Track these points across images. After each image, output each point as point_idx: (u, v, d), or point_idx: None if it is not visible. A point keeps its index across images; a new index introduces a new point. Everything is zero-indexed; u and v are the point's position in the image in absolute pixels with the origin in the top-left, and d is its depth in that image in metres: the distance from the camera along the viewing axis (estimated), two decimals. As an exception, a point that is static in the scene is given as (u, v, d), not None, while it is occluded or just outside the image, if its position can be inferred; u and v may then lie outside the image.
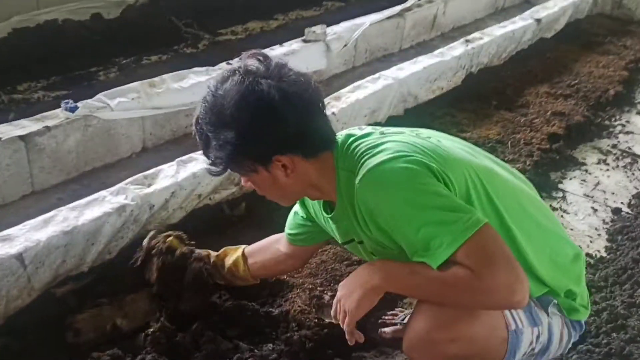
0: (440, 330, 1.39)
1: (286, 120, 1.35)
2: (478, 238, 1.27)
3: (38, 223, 2.02)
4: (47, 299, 1.97)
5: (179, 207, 2.38)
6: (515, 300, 1.28)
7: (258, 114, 1.33)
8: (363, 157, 1.40)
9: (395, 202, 1.32)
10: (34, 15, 4.40)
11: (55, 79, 3.81)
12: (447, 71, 3.87)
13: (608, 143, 3.47)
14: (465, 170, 1.44)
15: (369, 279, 1.43)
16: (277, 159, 1.39)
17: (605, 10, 5.90)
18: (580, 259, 1.62)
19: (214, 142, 1.37)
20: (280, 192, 1.50)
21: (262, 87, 1.33)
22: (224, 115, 1.34)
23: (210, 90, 1.38)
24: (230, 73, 1.37)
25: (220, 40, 4.72)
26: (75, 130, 2.79)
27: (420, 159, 1.35)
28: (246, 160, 1.40)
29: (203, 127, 1.39)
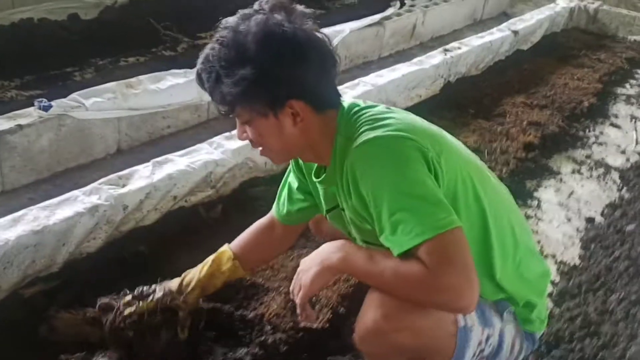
0: (387, 319, 1.38)
1: (309, 63, 1.34)
2: (445, 238, 1.26)
3: (7, 222, 1.97)
4: (15, 300, 1.92)
5: (154, 208, 2.34)
6: (461, 305, 1.28)
7: (283, 52, 1.31)
8: (363, 126, 1.39)
9: (381, 179, 1.31)
10: (9, 14, 4.33)
11: (29, 78, 3.73)
12: (425, 79, 3.89)
13: (582, 153, 3.52)
14: (460, 165, 1.44)
15: (328, 257, 1.44)
16: (290, 104, 1.37)
17: (580, 25, 6.01)
18: (548, 277, 1.65)
19: (226, 79, 1.33)
20: (281, 144, 1.44)
21: (287, 28, 1.32)
22: (245, 50, 1.31)
23: (231, 27, 1.34)
24: (253, 12, 1.35)
25: (199, 43, 4.67)
26: (49, 129, 2.74)
27: (418, 144, 1.34)
28: (259, 99, 1.36)
29: (215, 64, 1.34)
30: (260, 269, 2.21)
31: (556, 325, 2.13)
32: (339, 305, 2.06)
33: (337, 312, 2.04)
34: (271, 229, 1.86)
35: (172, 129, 3.35)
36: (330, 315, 2.02)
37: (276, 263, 2.28)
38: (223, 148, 2.62)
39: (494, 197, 1.51)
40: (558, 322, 2.15)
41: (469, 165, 1.50)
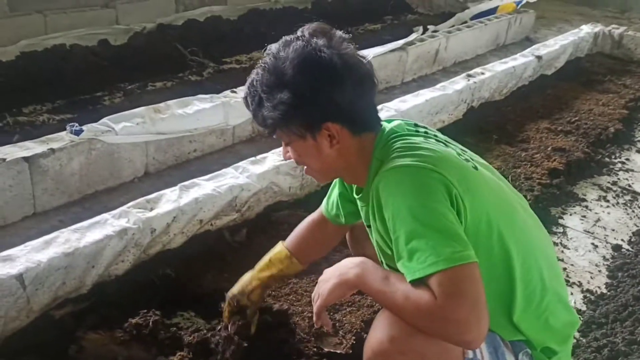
0: (393, 341, 1.38)
1: (344, 87, 1.38)
2: (458, 271, 1.26)
3: (39, 244, 2.02)
4: (46, 320, 1.96)
5: (180, 231, 2.38)
6: (466, 338, 1.26)
7: (318, 77, 1.37)
8: (396, 152, 1.42)
9: (402, 206, 1.33)
10: (42, 40, 4.49)
11: (60, 102, 3.85)
12: (448, 104, 3.91)
13: (608, 180, 3.49)
14: (486, 205, 1.42)
15: (346, 272, 1.46)
16: (327, 126, 1.41)
17: (605, 50, 5.99)
18: (574, 326, 1.61)
19: (267, 103, 1.40)
20: (320, 164, 1.50)
21: (324, 54, 1.37)
22: (283, 76, 1.38)
23: (272, 53, 1.42)
24: (293, 39, 1.42)
25: (225, 68, 4.78)
26: (80, 153, 2.81)
27: (444, 177, 1.35)
28: (297, 123, 1.42)
29: (258, 88, 1.42)
30: (283, 294, 2.23)
31: (583, 355, 2.11)
32: (362, 331, 2.06)
33: (360, 337, 2.03)
34: (323, 226, 1.91)
35: (198, 152, 3.40)
36: (354, 341, 2.02)
37: (300, 288, 2.29)
38: (248, 172, 2.66)
39: (523, 239, 1.48)
40: (585, 353, 2.12)
41: (499, 206, 1.46)
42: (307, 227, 1.93)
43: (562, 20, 7.60)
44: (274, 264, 1.87)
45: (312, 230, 1.92)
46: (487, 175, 1.52)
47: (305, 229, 1.92)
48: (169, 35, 5.01)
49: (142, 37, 4.95)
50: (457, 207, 1.35)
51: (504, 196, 1.53)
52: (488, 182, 1.50)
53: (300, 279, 2.34)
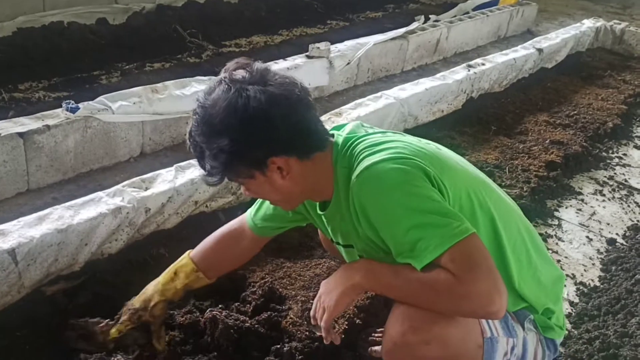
0: (415, 332, 1.38)
1: (275, 122, 1.35)
2: (465, 245, 1.28)
3: (33, 220, 2.00)
4: (37, 297, 1.95)
5: (175, 212, 2.36)
6: (493, 310, 1.28)
7: (247, 119, 1.33)
8: (362, 154, 1.41)
9: (388, 202, 1.33)
10: (39, 17, 4.44)
11: (57, 80, 3.81)
12: (448, 94, 3.89)
13: (605, 174, 3.49)
14: (462, 180, 1.46)
15: (350, 276, 1.44)
16: (272, 161, 1.38)
17: (606, 45, 5.98)
18: (562, 281, 1.65)
19: (207, 152, 1.37)
20: (280, 196, 1.48)
21: (248, 93, 1.33)
22: (214, 125, 1.34)
23: (199, 102, 1.38)
24: (217, 83, 1.38)
25: (224, 51, 4.74)
26: (75, 130, 2.78)
27: (417, 162, 1.37)
28: (242, 166, 1.39)
29: (196, 139, 1.39)
30: (277, 278, 2.23)
31: (574, 346, 2.11)
32: (355, 316, 2.06)
33: (353, 323, 2.03)
34: (239, 238, 1.82)
35: (194, 134, 3.37)
36: (346, 327, 2.02)
37: (293, 272, 2.28)
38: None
39: (501, 206, 1.52)
40: (576, 344, 2.12)
41: (472, 179, 1.52)
42: (220, 240, 1.83)
43: (564, 14, 7.58)
44: (178, 278, 1.78)
45: (226, 244, 1.83)
46: (450, 153, 1.57)
47: (218, 242, 1.83)
48: (168, 16, 4.97)
49: (141, 17, 4.91)
50: (437, 187, 1.37)
51: (469, 168, 1.58)
52: (453, 158, 1.54)
53: (294, 263, 2.33)
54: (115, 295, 1.99)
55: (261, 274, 2.23)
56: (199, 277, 1.79)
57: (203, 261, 1.80)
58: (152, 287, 1.80)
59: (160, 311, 1.78)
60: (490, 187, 1.57)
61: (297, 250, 2.43)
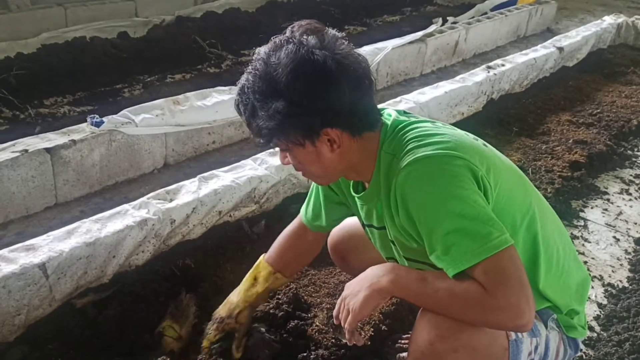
0: (443, 340, 1.37)
1: (341, 92, 1.31)
2: (501, 257, 1.27)
3: (62, 234, 2.04)
4: (67, 309, 1.98)
5: (200, 222, 2.39)
6: (522, 323, 1.27)
7: (313, 83, 1.29)
8: (411, 143, 1.38)
9: (433, 199, 1.31)
10: (62, 32, 4.54)
11: (81, 94, 3.89)
12: (468, 96, 3.88)
13: (631, 173, 3.44)
14: (508, 179, 1.45)
15: (377, 280, 1.41)
16: (326, 132, 1.35)
17: (628, 41, 5.90)
18: (588, 284, 1.63)
19: (261, 112, 1.32)
20: (321, 169, 1.45)
21: (318, 57, 1.29)
22: (276, 83, 1.29)
23: (262, 58, 1.32)
24: (284, 42, 1.33)
25: (243, 60, 4.79)
26: (100, 144, 2.84)
27: (467, 161, 1.34)
28: (294, 131, 1.35)
29: (250, 96, 1.33)
30: (301, 286, 2.24)
31: (604, 349, 2.08)
32: (381, 322, 2.06)
33: (379, 329, 2.03)
34: (303, 236, 1.86)
35: (217, 144, 3.42)
36: (372, 333, 2.02)
37: (318, 280, 2.29)
38: (267, 164, 2.67)
39: (540, 206, 1.51)
40: (606, 347, 2.09)
41: (516, 178, 1.51)
42: (287, 239, 1.87)
43: (584, 11, 7.49)
44: (259, 282, 1.83)
45: (293, 242, 1.86)
46: (495, 151, 1.55)
47: (286, 241, 1.87)
48: (187, 28, 5.03)
49: (161, 29, 4.98)
50: (484, 188, 1.35)
51: (513, 166, 1.56)
52: (498, 156, 1.52)
53: (318, 271, 2.34)
54: (144, 305, 2.03)
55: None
56: (277, 278, 1.83)
57: (278, 262, 1.84)
58: (235, 295, 1.85)
59: (245, 318, 1.82)
60: (530, 186, 1.56)
61: (321, 257, 2.43)
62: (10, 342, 1.88)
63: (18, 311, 1.89)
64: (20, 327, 1.91)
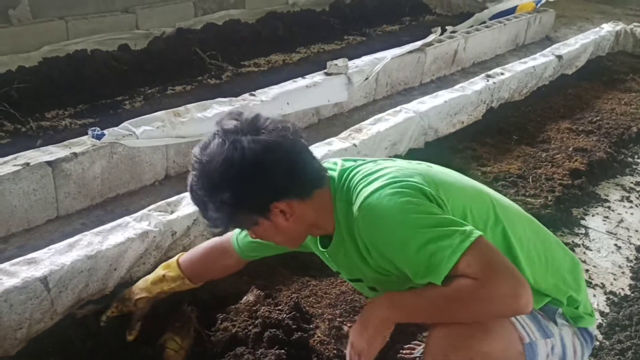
0: (457, 351, 1.37)
1: (273, 170, 1.38)
2: (476, 248, 1.30)
3: (63, 247, 2.04)
4: (69, 322, 1.98)
5: (201, 234, 2.39)
6: (522, 304, 1.29)
7: (245, 170, 1.36)
8: (358, 186, 1.45)
9: (392, 228, 1.36)
10: (64, 45, 4.57)
11: (82, 107, 3.91)
12: (467, 105, 3.89)
13: (631, 180, 3.45)
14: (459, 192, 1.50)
15: (376, 313, 1.43)
16: (275, 206, 1.42)
17: (627, 48, 5.92)
18: (578, 267, 1.64)
19: (210, 205, 1.41)
20: (285, 237, 1.53)
21: (242, 144, 1.36)
22: (214, 179, 1.38)
23: (197, 158, 1.41)
24: (211, 137, 1.41)
25: (243, 71, 4.81)
26: (101, 157, 2.85)
27: (412, 183, 1.41)
28: (245, 215, 1.44)
29: (198, 192, 1.42)
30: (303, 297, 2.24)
31: (606, 358, 2.08)
32: (383, 333, 2.05)
33: (381, 340, 2.03)
34: (225, 255, 1.89)
35: (217, 155, 3.42)
36: (374, 343, 2.02)
37: (320, 290, 2.29)
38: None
39: (501, 208, 1.55)
40: (608, 355, 2.09)
41: (467, 190, 1.55)
42: (208, 252, 1.91)
43: (582, 19, 7.52)
44: (165, 280, 1.89)
45: (213, 257, 1.91)
46: (441, 169, 1.61)
47: (206, 254, 1.91)
48: (188, 39, 5.06)
49: (162, 41, 5.00)
50: (436, 202, 1.40)
51: (463, 180, 1.61)
52: (446, 173, 1.58)
53: (320, 281, 2.34)
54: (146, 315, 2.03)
55: (287, 293, 2.24)
56: (184, 283, 1.89)
57: (189, 268, 1.89)
58: (142, 282, 1.93)
59: (143, 304, 1.91)
60: (486, 193, 1.59)
61: (322, 268, 2.43)
62: (12, 356, 1.88)
63: (20, 325, 1.89)
64: (22, 340, 1.91)
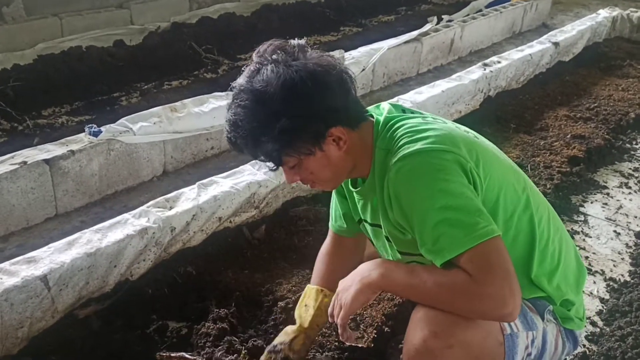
0: (436, 337, 1.37)
1: (332, 90, 1.37)
2: (486, 247, 1.29)
3: (62, 245, 2.04)
4: (71, 320, 1.99)
5: (200, 229, 2.39)
6: (506, 312, 1.29)
7: (306, 91, 1.33)
8: (402, 139, 1.41)
9: (421, 193, 1.34)
10: (58, 42, 4.55)
11: (78, 104, 3.89)
12: (465, 95, 3.88)
13: (629, 166, 3.44)
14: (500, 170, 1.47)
15: (367, 275, 1.44)
16: (330, 133, 1.40)
17: (623, 34, 5.90)
18: (584, 274, 1.65)
19: (265, 137, 1.35)
20: (331, 172, 1.48)
21: (298, 67, 1.34)
22: (272, 105, 1.33)
23: (245, 88, 1.35)
24: (257, 67, 1.37)
25: (240, 65, 4.78)
26: (99, 154, 2.84)
27: (456, 155, 1.37)
28: (303, 143, 1.39)
29: (246, 127, 1.35)
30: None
31: (607, 344, 2.08)
32: (384, 324, 2.06)
33: (382, 331, 2.03)
34: (339, 246, 1.85)
35: (215, 150, 3.42)
36: (375, 335, 2.02)
37: (320, 282, 2.29)
38: (266, 169, 2.67)
39: (535, 198, 1.54)
40: (609, 342, 2.09)
41: (508, 170, 1.53)
42: (324, 255, 1.86)
43: (579, 5, 7.49)
44: (309, 306, 1.75)
45: (331, 254, 1.85)
46: (487, 142, 1.58)
47: (324, 257, 1.86)
48: (183, 34, 5.03)
49: (157, 36, 4.98)
50: (473, 180, 1.38)
51: (505, 158, 1.59)
52: (490, 148, 1.56)
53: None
54: (147, 313, 2.04)
55: (287, 287, 2.24)
56: (326, 295, 1.75)
57: (321, 280, 1.81)
58: (289, 326, 1.78)
59: (300, 346, 1.73)
60: (524, 178, 1.58)
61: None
62: (13, 355, 1.88)
63: (21, 324, 1.89)
64: (23, 339, 1.91)
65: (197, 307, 2.09)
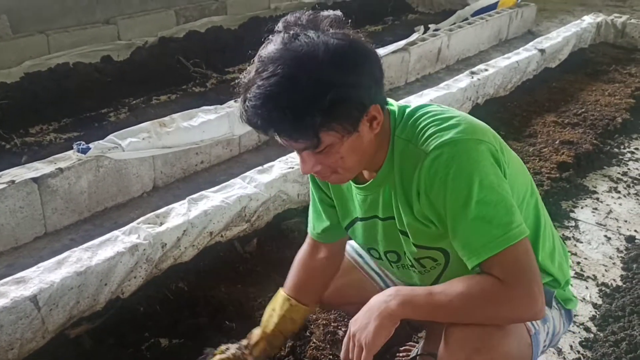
0: (479, 353, 1.33)
1: (375, 62, 1.27)
2: (518, 248, 1.27)
3: (52, 264, 2.02)
4: (62, 340, 1.96)
5: (191, 245, 2.38)
6: (537, 310, 1.29)
7: (355, 60, 1.22)
8: (429, 128, 1.33)
9: (460, 184, 1.27)
10: (45, 60, 4.53)
11: (66, 121, 3.87)
12: (453, 103, 3.89)
13: (618, 171, 3.47)
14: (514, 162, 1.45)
15: (385, 307, 1.33)
16: (369, 110, 1.27)
17: (608, 39, 5.96)
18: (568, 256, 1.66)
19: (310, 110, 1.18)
20: (359, 157, 1.34)
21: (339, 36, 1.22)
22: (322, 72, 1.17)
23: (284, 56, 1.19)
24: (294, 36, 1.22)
25: (228, 78, 4.79)
26: (87, 171, 2.82)
27: (489, 145, 1.32)
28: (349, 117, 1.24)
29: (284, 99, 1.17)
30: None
31: (601, 350, 2.08)
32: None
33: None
34: (315, 255, 1.74)
35: (205, 164, 3.41)
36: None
37: (313, 295, 2.28)
38: (256, 182, 2.66)
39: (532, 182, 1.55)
40: (603, 347, 2.09)
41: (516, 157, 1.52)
42: (299, 263, 1.76)
43: (563, 12, 7.57)
44: (275, 312, 1.71)
45: (305, 265, 1.75)
46: None
47: (299, 266, 1.76)
48: (171, 48, 5.03)
49: (145, 51, 4.98)
50: (503, 169, 1.34)
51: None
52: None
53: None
54: (139, 331, 2.02)
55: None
56: (292, 305, 1.69)
57: (292, 288, 1.72)
58: (256, 328, 1.75)
59: (259, 352, 1.70)
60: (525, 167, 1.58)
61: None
62: (4, 377, 1.86)
63: (11, 345, 1.87)
64: (14, 361, 1.89)
65: (189, 324, 2.06)
